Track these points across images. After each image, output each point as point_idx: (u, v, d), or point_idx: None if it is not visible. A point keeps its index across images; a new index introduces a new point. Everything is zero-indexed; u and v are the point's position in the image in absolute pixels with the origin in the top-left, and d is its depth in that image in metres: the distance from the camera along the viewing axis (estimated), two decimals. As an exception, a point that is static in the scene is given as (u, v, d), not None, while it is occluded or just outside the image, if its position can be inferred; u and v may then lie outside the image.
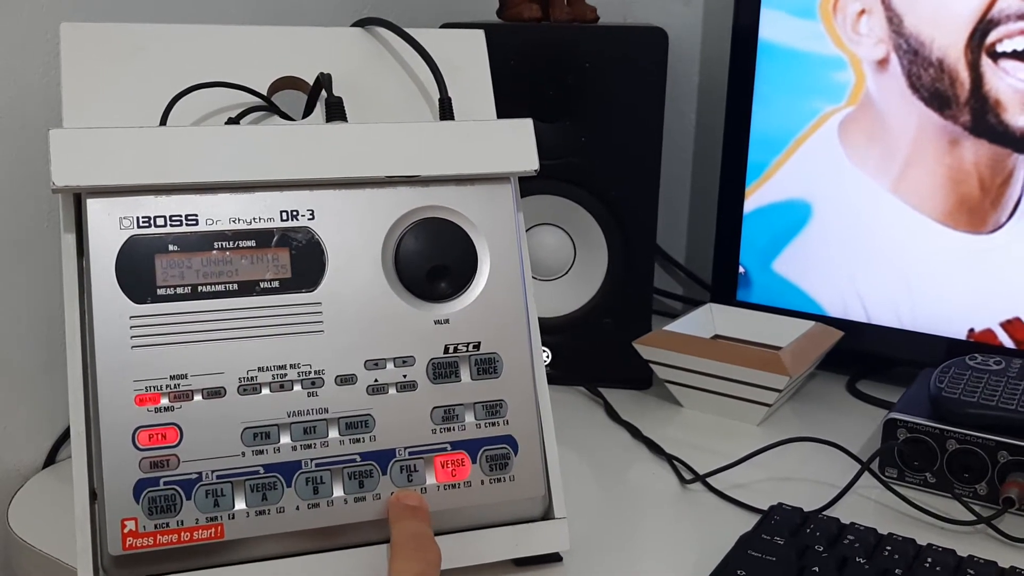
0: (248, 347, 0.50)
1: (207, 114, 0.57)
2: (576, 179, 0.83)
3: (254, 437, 0.50)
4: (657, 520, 0.65)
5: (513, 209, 0.56)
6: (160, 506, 0.48)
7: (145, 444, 0.48)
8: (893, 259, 0.85)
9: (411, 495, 0.52)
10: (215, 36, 0.58)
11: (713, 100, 1.04)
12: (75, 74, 0.54)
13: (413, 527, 0.50)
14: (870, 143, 0.84)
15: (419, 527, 0.50)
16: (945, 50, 0.79)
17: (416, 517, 0.51)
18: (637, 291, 0.85)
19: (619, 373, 0.85)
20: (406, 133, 0.54)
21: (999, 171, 0.79)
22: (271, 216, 0.51)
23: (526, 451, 0.54)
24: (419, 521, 0.51)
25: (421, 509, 0.52)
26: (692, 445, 0.74)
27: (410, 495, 0.52)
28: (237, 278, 0.50)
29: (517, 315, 0.55)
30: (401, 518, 0.51)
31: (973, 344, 0.82)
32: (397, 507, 0.51)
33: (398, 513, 0.51)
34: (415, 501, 0.52)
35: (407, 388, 0.53)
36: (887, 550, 0.55)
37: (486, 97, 0.62)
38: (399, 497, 0.52)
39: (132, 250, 0.49)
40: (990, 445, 0.64)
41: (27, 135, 0.68)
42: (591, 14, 0.86)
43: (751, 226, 0.92)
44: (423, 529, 0.50)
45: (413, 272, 0.54)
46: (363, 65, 0.60)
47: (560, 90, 0.82)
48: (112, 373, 0.48)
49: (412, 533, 0.50)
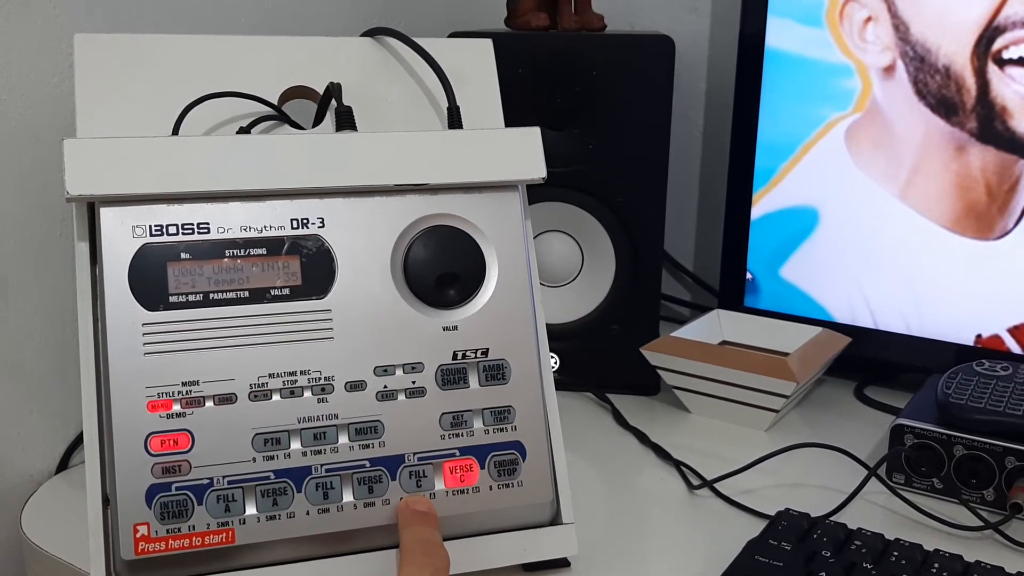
0: (259, 354, 0.51)
1: (218, 123, 0.57)
2: (584, 186, 0.84)
3: (265, 443, 0.50)
4: (665, 525, 0.65)
5: (521, 217, 0.57)
6: (172, 511, 0.48)
7: (157, 450, 0.49)
8: (900, 265, 0.85)
9: (420, 500, 0.52)
10: (226, 46, 0.58)
11: (720, 107, 1.04)
12: (88, 84, 0.55)
13: (422, 533, 0.50)
14: (877, 150, 0.84)
15: (428, 533, 0.50)
16: (951, 57, 0.79)
17: (425, 523, 0.51)
18: (645, 297, 0.85)
19: (627, 379, 0.86)
20: (415, 142, 0.54)
21: (1006, 177, 0.79)
22: (282, 224, 0.52)
23: (534, 457, 0.55)
24: (428, 527, 0.51)
25: (430, 515, 0.52)
26: (700, 451, 0.75)
27: (419, 500, 0.52)
28: (248, 285, 0.51)
29: (525, 322, 0.56)
30: (410, 523, 0.51)
31: (980, 350, 0.82)
32: (406, 513, 0.52)
33: (407, 519, 0.51)
34: (424, 507, 0.52)
35: (416, 394, 0.53)
36: (894, 555, 0.56)
37: (494, 105, 0.62)
38: (408, 503, 0.52)
39: (145, 258, 0.49)
40: (997, 451, 0.64)
41: (41, 144, 0.68)
42: (598, 22, 0.87)
43: (758, 232, 0.92)
44: (432, 535, 0.50)
45: (422, 279, 0.54)
46: (372, 74, 0.61)
47: (568, 98, 0.83)
48: (125, 380, 0.48)
49: (421, 539, 0.50)
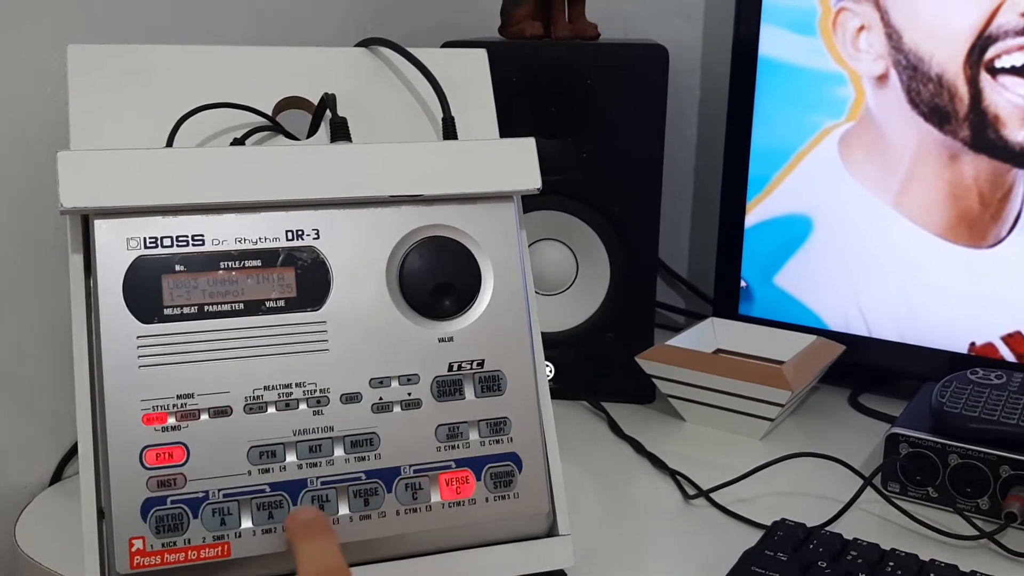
0: (254, 366, 0.51)
1: (213, 134, 0.57)
2: (578, 194, 0.84)
3: (260, 455, 0.50)
4: (661, 536, 0.65)
5: (516, 227, 0.56)
6: (167, 525, 0.48)
7: (152, 463, 0.48)
8: (894, 273, 0.85)
9: (306, 509, 0.48)
10: (220, 57, 0.58)
11: (714, 115, 1.04)
12: (82, 95, 0.55)
13: (321, 557, 0.45)
14: (870, 158, 0.85)
15: (328, 555, 0.45)
16: (944, 66, 0.79)
17: (320, 535, 0.46)
18: (639, 305, 0.85)
19: (622, 387, 0.86)
20: (410, 153, 0.54)
21: (999, 186, 0.79)
22: (276, 236, 0.52)
23: (530, 468, 0.54)
24: (324, 541, 0.46)
25: (318, 521, 0.47)
26: (695, 460, 0.75)
27: (305, 509, 0.48)
28: (243, 297, 0.51)
29: (520, 332, 0.56)
30: (302, 538, 0.46)
31: (974, 358, 0.82)
32: (298, 527, 0.47)
33: (299, 535, 0.46)
34: (310, 515, 0.47)
35: (412, 406, 0.53)
36: (890, 566, 0.56)
37: (489, 115, 0.62)
38: (294, 515, 0.48)
39: (139, 270, 0.49)
40: (992, 460, 0.64)
41: (34, 156, 0.68)
42: (592, 31, 0.87)
43: (752, 240, 0.92)
44: (331, 557, 0.45)
45: (417, 290, 0.54)
46: (367, 85, 0.61)
47: (562, 106, 0.83)
48: (120, 393, 0.48)
49: (321, 567, 0.44)
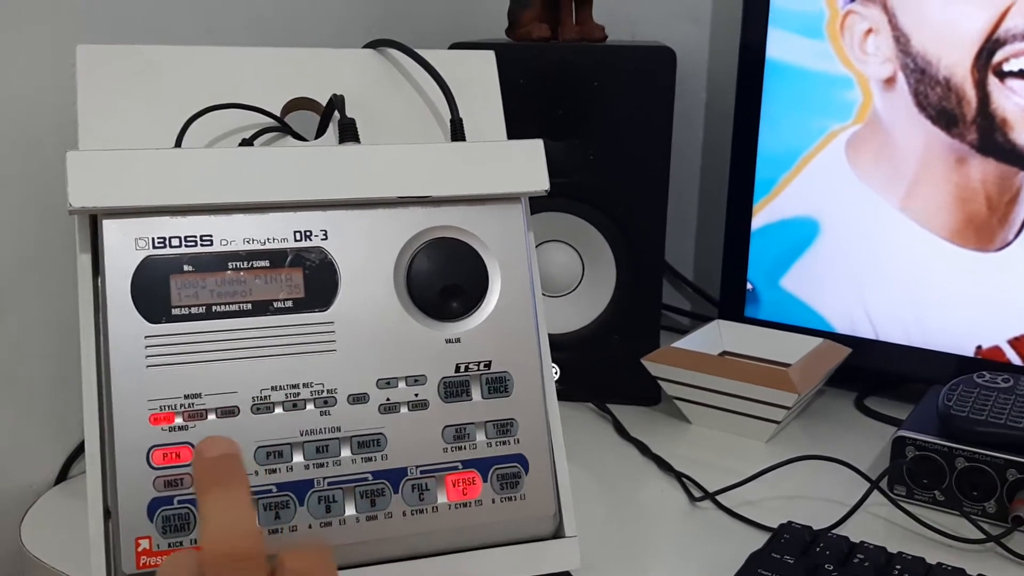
0: (261, 366, 0.51)
1: (221, 135, 0.57)
2: (585, 196, 0.84)
3: (267, 456, 0.50)
4: (667, 538, 0.65)
5: (524, 229, 0.56)
6: (174, 524, 0.48)
7: (159, 463, 0.48)
8: (901, 276, 0.85)
9: (217, 440, 0.37)
10: (229, 58, 0.58)
11: (721, 118, 1.04)
12: (91, 95, 0.55)
13: (228, 521, 0.36)
14: (877, 161, 0.84)
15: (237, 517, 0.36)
16: (952, 69, 0.79)
17: (230, 484, 0.36)
18: (645, 307, 0.85)
19: (628, 389, 0.86)
20: (418, 154, 0.54)
21: (1006, 189, 0.79)
22: (285, 236, 0.52)
23: (537, 470, 0.54)
24: (235, 494, 0.36)
25: (232, 456, 0.36)
26: (701, 462, 0.75)
27: (216, 441, 0.37)
28: (251, 298, 0.51)
29: (527, 334, 0.56)
30: (210, 488, 0.36)
31: (981, 361, 0.82)
32: (205, 470, 0.37)
33: (206, 482, 0.37)
34: (224, 447, 0.37)
35: (419, 407, 0.53)
36: (897, 569, 0.56)
37: (496, 116, 0.62)
38: (201, 448, 0.37)
39: (147, 270, 0.49)
40: (999, 463, 0.64)
41: (43, 155, 0.68)
42: (599, 33, 0.87)
43: (759, 243, 0.92)
44: (247, 524, 0.36)
45: (425, 292, 0.54)
46: (375, 86, 0.61)
47: (569, 108, 0.83)
48: (127, 393, 0.48)
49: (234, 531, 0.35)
